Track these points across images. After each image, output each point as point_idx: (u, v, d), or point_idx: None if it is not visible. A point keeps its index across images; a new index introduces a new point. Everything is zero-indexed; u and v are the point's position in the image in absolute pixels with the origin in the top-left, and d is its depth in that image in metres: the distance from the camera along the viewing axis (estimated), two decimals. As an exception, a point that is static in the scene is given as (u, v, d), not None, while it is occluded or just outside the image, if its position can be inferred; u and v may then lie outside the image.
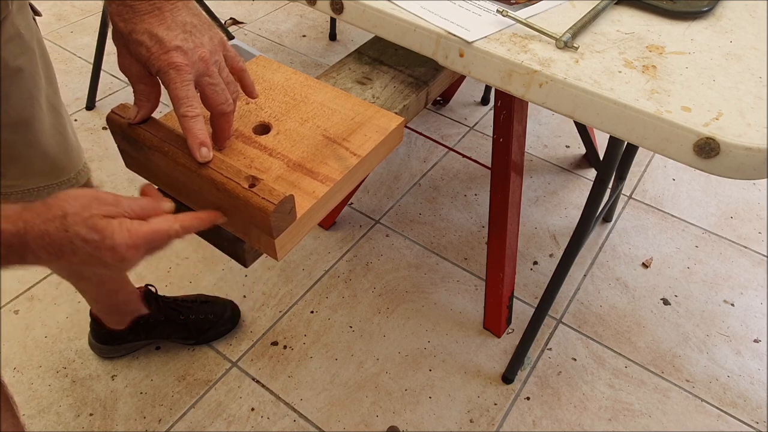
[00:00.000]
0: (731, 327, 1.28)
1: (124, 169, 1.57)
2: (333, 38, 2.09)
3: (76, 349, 1.19)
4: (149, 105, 0.53)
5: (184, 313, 1.16)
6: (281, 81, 0.68)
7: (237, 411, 1.11)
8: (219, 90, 0.51)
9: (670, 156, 0.57)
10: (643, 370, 1.20)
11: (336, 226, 1.45)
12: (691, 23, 0.69)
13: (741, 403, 1.15)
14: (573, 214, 1.51)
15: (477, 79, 0.66)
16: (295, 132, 0.62)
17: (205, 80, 0.50)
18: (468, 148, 1.69)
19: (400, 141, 0.67)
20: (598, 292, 1.33)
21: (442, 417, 1.11)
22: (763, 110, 0.57)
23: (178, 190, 0.56)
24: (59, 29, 2.08)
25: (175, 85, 0.48)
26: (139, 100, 0.52)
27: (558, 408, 1.13)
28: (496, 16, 0.68)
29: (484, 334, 1.24)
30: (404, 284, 1.33)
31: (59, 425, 1.08)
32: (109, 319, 1.11)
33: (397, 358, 1.20)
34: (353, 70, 0.78)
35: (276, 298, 1.29)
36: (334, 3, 0.72)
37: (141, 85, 0.51)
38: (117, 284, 1.06)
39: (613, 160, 0.94)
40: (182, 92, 0.48)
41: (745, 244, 1.45)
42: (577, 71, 0.61)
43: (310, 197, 0.56)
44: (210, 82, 0.51)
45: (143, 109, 0.52)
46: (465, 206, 1.52)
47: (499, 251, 1.13)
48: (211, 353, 1.19)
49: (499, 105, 0.92)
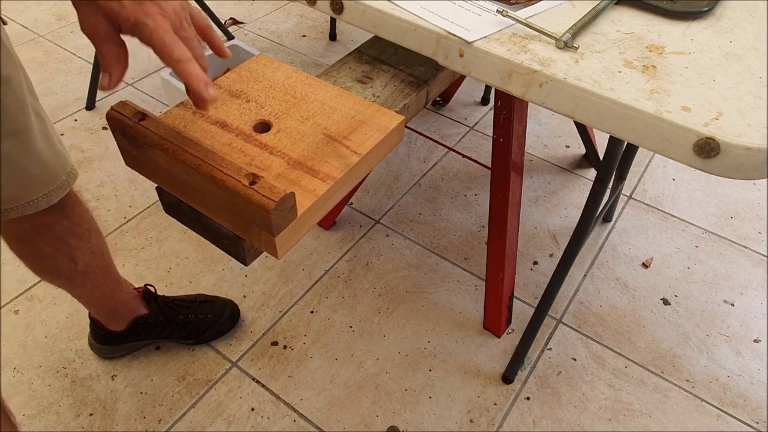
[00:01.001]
0: (731, 327, 1.28)
1: (124, 168, 1.57)
2: (333, 38, 2.09)
3: (76, 349, 1.19)
4: (120, 67, 0.50)
5: (184, 313, 1.16)
6: (282, 79, 0.68)
7: (237, 411, 1.11)
8: (195, 44, 0.50)
9: (670, 156, 0.57)
10: (643, 370, 1.20)
11: (336, 226, 1.45)
12: (691, 23, 0.69)
13: (741, 403, 1.15)
14: (573, 214, 1.51)
15: (477, 79, 0.66)
16: (295, 130, 0.62)
17: (180, 34, 0.49)
18: (468, 148, 1.69)
19: (401, 140, 0.67)
20: (598, 292, 1.33)
21: (442, 417, 1.11)
22: (763, 110, 0.57)
23: (179, 188, 0.56)
24: (59, 29, 2.09)
25: (159, 33, 0.47)
26: (109, 64, 0.49)
27: (558, 408, 1.13)
28: (496, 16, 0.68)
29: (484, 334, 1.24)
30: (404, 284, 1.33)
31: (59, 425, 1.08)
32: (108, 321, 1.11)
33: (397, 358, 1.20)
34: (353, 69, 0.78)
35: (276, 298, 1.29)
36: (334, 3, 0.72)
37: (108, 45, 0.49)
38: (113, 285, 1.05)
39: (613, 160, 0.94)
40: (168, 38, 0.47)
41: (745, 244, 1.45)
42: (577, 71, 0.61)
43: (311, 195, 0.56)
44: (185, 35, 0.49)
45: (116, 72, 0.49)
46: (465, 206, 1.52)
47: (499, 251, 1.13)
48: (211, 353, 1.19)
49: (499, 105, 0.93)
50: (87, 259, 0.94)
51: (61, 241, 0.88)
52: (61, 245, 0.88)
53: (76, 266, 0.93)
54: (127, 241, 1.39)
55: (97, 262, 0.96)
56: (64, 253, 0.90)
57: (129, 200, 1.49)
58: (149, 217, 1.45)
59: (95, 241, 0.94)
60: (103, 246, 0.97)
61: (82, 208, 0.90)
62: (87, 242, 0.92)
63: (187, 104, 0.64)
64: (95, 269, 0.97)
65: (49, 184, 0.79)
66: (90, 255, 0.94)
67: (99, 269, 0.98)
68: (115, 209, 1.47)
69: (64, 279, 0.96)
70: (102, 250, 0.97)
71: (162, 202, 0.62)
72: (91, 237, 0.93)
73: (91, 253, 0.94)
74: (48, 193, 0.79)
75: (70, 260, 0.91)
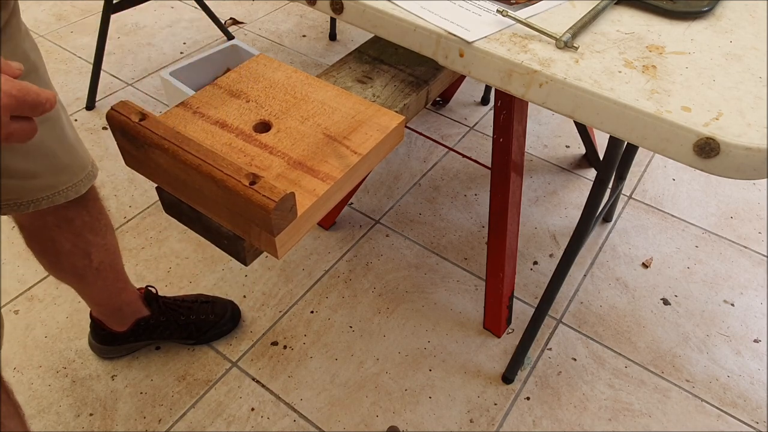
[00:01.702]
0: (731, 327, 1.28)
1: (124, 168, 1.57)
2: (333, 38, 2.09)
3: (76, 349, 1.19)
4: None
5: (185, 314, 1.16)
6: (282, 79, 0.68)
7: (237, 411, 1.11)
8: None
9: (670, 156, 0.57)
10: (643, 370, 1.20)
11: (336, 226, 1.45)
12: (691, 23, 0.69)
13: (741, 403, 1.15)
14: (573, 214, 1.51)
15: (477, 79, 0.66)
16: (295, 130, 0.62)
17: None
18: (468, 148, 1.69)
19: (401, 140, 0.67)
20: (598, 292, 1.33)
21: (442, 417, 1.11)
22: (763, 110, 0.57)
23: (178, 188, 0.56)
24: (59, 29, 2.09)
25: None
26: None
27: (558, 408, 1.13)
28: (496, 16, 0.68)
29: (484, 334, 1.24)
30: (404, 284, 1.33)
31: (59, 425, 1.08)
32: (111, 321, 1.11)
33: (397, 358, 1.20)
34: (353, 68, 0.78)
35: (276, 298, 1.29)
36: (334, 3, 0.72)
37: None
38: (121, 284, 1.06)
39: (613, 160, 0.94)
40: None
41: (745, 244, 1.45)
42: (577, 71, 0.61)
43: (311, 195, 0.56)
44: None
45: None
46: (465, 206, 1.52)
47: (499, 251, 1.13)
48: (211, 353, 1.19)
49: (499, 105, 0.93)
50: (101, 255, 0.94)
51: (80, 237, 0.88)
52: (79, 241, 0.89)
53: (91, 263, 0.93)
54: (127, 241, 1.39)
55: (109, 259, 0.97)
56: (81, 249, 0.90)
57: (129, 200, 1.49)
58: (149, 217, 1.45)
59: (110, 237, 0.95)
60: (115, 243, 0.98)
61: (100, 203, 0.90)
62: (103, 238, 0.93)
63: (187, 104, 0.64)
64: (107, 267, 0.97)
65: (78, 174, 0.79)
66: (104, 252, 0.94)
67: (110, 267, 0.98)
68: (115, 209, 1.47)
69: (78, 276, 0.96)
70: (114, 247, 0.98)
71: (162, 202, 0.62)
72: (106, 233, 0.94)
73: (106, 250, 0.95)
74: (77, 182, 0.79)
75: (85, 256, 0.92)
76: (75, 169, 0.79)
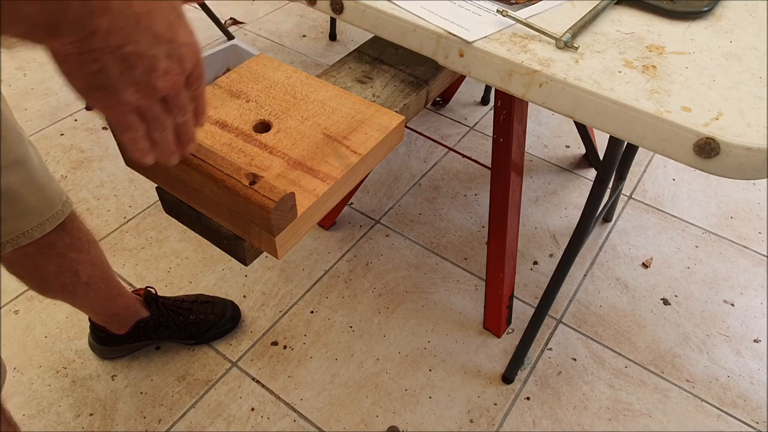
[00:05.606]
0: (731, 327, 1.28)
1: (124, 169, 1.57)
2: (333, 38, 2.09)
3: (76, 349, 1.19)
4: None
5: (185, 314, 1.16)
6: (282, 79, 0.68)
7: (237, 411, 1.11)
8: None
9: (670, 156, 0.57)
10: (643, 370, 1.20)
11: (336, 226, 1.45)
12: (691, 23, 0.69)
13: (741, 403, 1.15)
14: (573, 214, 1.51)
15: (477, 79, 0.66)
16: (295, 130, 0.62)
17: None
18: (468, 148, 1.69)
19: (401, 140, 0.67)
20: (598, 292, 1.33)
21: (442, 417, 1.11)
22: (763, 110, 0.57)
23: (179, 188, 0.56)
24: (59, 29, 2.08)
25: None
26: None
27: (558, 408, 1.13)
28: (496, 16, 0.68)
29: (484, 334, 1.24)
30: (404, 284, 1.33)
31: (59, 425, 1.08)
32: (110, 325, 1.11)
33: (397, 358, 1.20)
34: (353, 68, 0.78)
35: (276, 298, 1.29)
36: (334, 3, 0.72)
37: None
38: (114, 291, 1.05)
39: (613, 160, 0.94)
40: None
41: (745, 244, 1.45)
42: (577, 71, 0.61)
43: (311, 195, 0.56)
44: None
45: None
46: (465, 206, 1.52)
47: (499, 251, 1.13)
48: (211, 353, 1.19)
49: (499, 105, 0.92)
50: (89, 270, 0.94)
51: (64, 258, 0.88)
52: (64, 261, 0.88)
53: (79, 279, 0.93)
54: (127, 241, 1.39)
55: (98, 272, 0.96)
56: (67, 269, 0.90)
57: (129, 200, 1.49)
58: (149, 217, 1.45)
59: (94, 251, 0.94)
60: (101, 254, 0.98)
61: (78, 221, 0.89)
62: (87, 254, 0.92)
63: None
64: (97, 279, 0.97)
65: (45, 214, 0.78)
66: (91, 266, 0.94)
67: (100, 278, 0.98)
68: (115, 209, 1.47)
69: (69, 293, 0.96)
70: (101, 258, 0.97)
71: (162, 202, 0.62)
72: (90, 249, 0.93)
73: (92, 264, 0.94)
74: (42, 222, 0.78)
75: (73, 275, 0.91)
76: (43, 210, 0.78)
